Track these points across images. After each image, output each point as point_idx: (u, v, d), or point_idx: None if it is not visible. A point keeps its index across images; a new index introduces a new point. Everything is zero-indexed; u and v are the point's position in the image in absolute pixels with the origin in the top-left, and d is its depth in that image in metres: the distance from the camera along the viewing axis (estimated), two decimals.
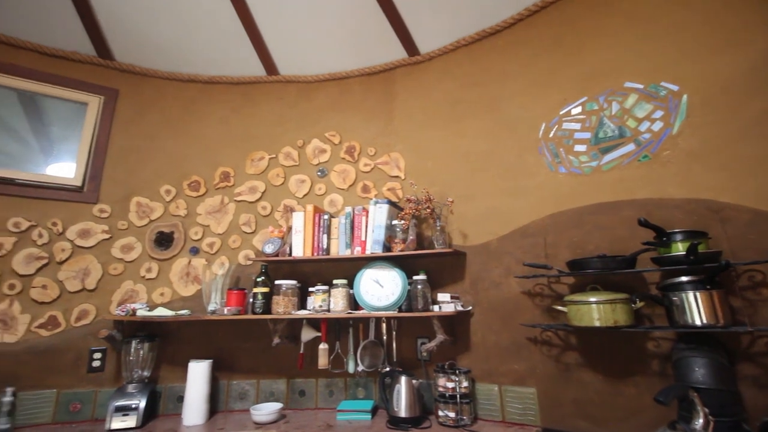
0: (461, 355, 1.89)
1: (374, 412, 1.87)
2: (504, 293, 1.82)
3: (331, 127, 2.42)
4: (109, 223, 2.13)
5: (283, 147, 2.40)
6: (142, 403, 1.81)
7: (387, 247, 1.95)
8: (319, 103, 2.48)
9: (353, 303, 1.96)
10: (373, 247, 1.93)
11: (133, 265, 2.13)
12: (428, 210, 1.95)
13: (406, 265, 1.97)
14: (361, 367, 1.92)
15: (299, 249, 2.02)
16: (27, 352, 1.88)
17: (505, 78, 2.06)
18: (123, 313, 1.93)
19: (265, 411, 1.78)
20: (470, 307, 1.88)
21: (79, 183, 2.12)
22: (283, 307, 1.91)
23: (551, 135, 1.85)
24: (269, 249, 2.03)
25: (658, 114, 1.61)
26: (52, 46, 2.19)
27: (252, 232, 2.25)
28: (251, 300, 1.97)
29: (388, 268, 1.94)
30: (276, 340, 1.94)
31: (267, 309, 1.95)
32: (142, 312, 1.94)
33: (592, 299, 1.44)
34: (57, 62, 2.21)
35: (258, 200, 2.31)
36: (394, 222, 1.98)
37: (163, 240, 2.18)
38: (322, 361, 1.91)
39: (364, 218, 2.01)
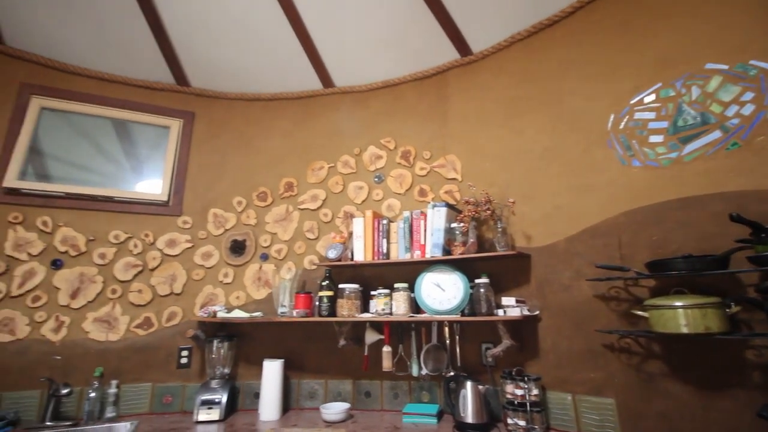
0: (529, 362, 1.82)
1: (440, 416, 1.87)
2: (575, 297, 1.72)
3: (386, 134, 2.47)
4: (191, 233, 2.36)
5: (341, 156, 2.49)
6: (224, 398, 1.97)
7: (446, 251, 1.95)
8: (373, 111, 2.54)
9: (415, 306, 1.98)
10: (432, 251, 1.94)
11: (212, 270, 2.33)
12: (488, 211, 1.91)
13: (467, 268, 1.95)
14: (424, 371, 1.93)
15: (360, 253, 2.08)
16: (127, 349, 2.13)
17: (566, 70, 1.96)
18: (205, 315, 2.12)
19: (334, 410, 1.85)
20: (537, 312, 1.81)
21: (165, 198, 2.37)
22: (347, 310, 1.97)
23: (622, 126, 1.73)
24: (332, 254, 2.12)
25: (748, 96, 1.44)
26: (138, 77, 2.47)
27: (315, 239, 2.36)
28: (317, 303, 2.07)
29: (448, 271, 1.93)
30: (342, 342, 2.02)
31: (332, 311, 2.03)
32: (221, 314, 2.12)
33: (678, 303, 1.32)
34: (142, 92, 2.50)
35: (319, 208, 2.41)
36: (453, 225, 1.97)
37: (237, 247, 2.37)
38: (386, 364, 1.94)
39: (422, 222, 2.02)
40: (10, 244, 2.03)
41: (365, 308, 2.08)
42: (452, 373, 1.90)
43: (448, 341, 1.96)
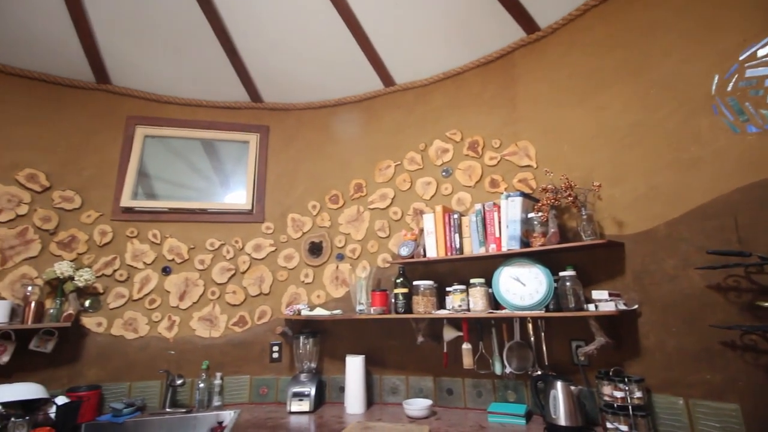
0: (629, 361, 1.64)
1: (528, 417, 1.78)
2: (683, 288, 1.52)
3: (451, 126, 2.41)
4: (273, 238, 2.54)
5: (407, 152, 2.49)
6: (313, 391, 2.09)
7: (525, 243, 1.84)
8: (436, 104, 2.49)
9: (493, 302, 1.90)
10: (509, 244, 1.85)
11: (294, 271, 2.49)
12: (569, 198, 1.77)
13: (549, 260, 1.83)
14: (508, 369, 1.85)
15: (432, 250, 2.06)
16: (227, 345, 2.36)
17: (654, 32, 1.73)
18: (291, 313, 2.27)
19: (417, 406, 1.86)
20: (636, 306, 1.63)
21: (249, 207, 2.57)
22: (423, 307, 1.97)
23: (730, 88, 1.48)
24: (404, 251, 2.12)
25: None
26: (220, 100, 2.72)
27: (387, 237, 2.39)
28: (393, 300, 2.09)
29: (528, 264, 1.82)
30: (420, 339, 2.02)
31: (408, 308, 2.04)
32: (305, 312, 2.25)
33: None
34: (224, 112, 2.74)
35: (389, 206, 2.44)
36: (531, 215, 1.85)
37: (315, 249, 2.49)
38: (467, 361, 1.90)
39: (495, 214, 1.93)
40: (129, 255, 2.37)
41: (441, 305, 2.05)
42: (540, 372, 1.79)
43: (532, 338, 1.86)
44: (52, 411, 1.79)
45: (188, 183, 2.73)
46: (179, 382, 2.16)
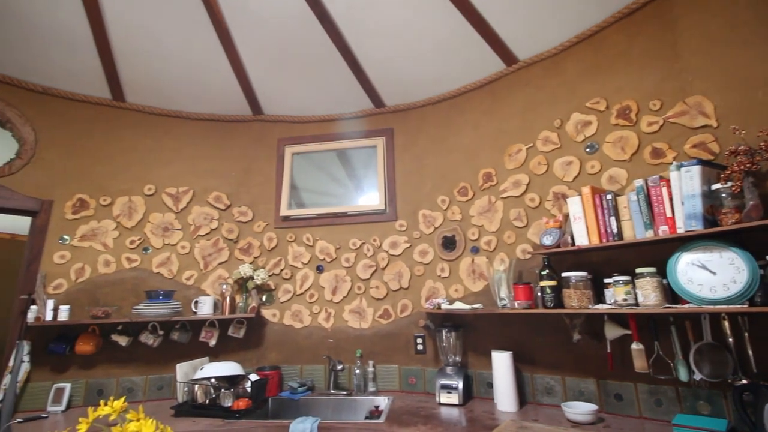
0: None
1: None
2: None
3: (592, 94, 2.11)
4: (407, 235, 2.64)
5: (540, 133, 2.28)
6: (460, 384, 2.09)
7: (710, 221, 1.49)
8: (569, 74, 2.21)
9: (670, 295, 1.60)
10: (687, 224, 1.52)
11: (429, 266, 2.54)
12: None
13: (747, 241, 1.44)
14: (698, 376, 1.53)
15: (583, 237, 1.84)
16: (375, 335, 2.55)
17: None
18: (431, 307, 2.32)
19: (580, 410, 1.69)
20: None
21: (383, 207, 2.73)
22: (576, 301, 1.78)
23: None
24: (548, 241, 1.95)
25: None
26: (347, 111, 2.94)
27: (524, 226, 2.24)
28: (539, 294, 1.94)
29: (718, 247, 1.47)
30: (576, 336, 1.83)
31: (558, 302, 1.86)
32: (445, 306, 2.27)
33: None
34: (353, 122, 2.96)
35: (524, 193, 2.28)
36: (716, 186, 1.49)
37: (448, 243, 2.49)
38: (639, 364, 1.64)
39: (664, 189, 1.61)
40: (290, 256, 2.77)
41: (598, 298, 1.82)
42: (744, 381, 1.43)
43: (730, 339, 1.50)
44: (248, 385, 2.21)
45: (329, 190, 3.04)
46: (339, 367, 2.43)
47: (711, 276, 1.47)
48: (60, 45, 2.32)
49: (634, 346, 1.67)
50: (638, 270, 1.63)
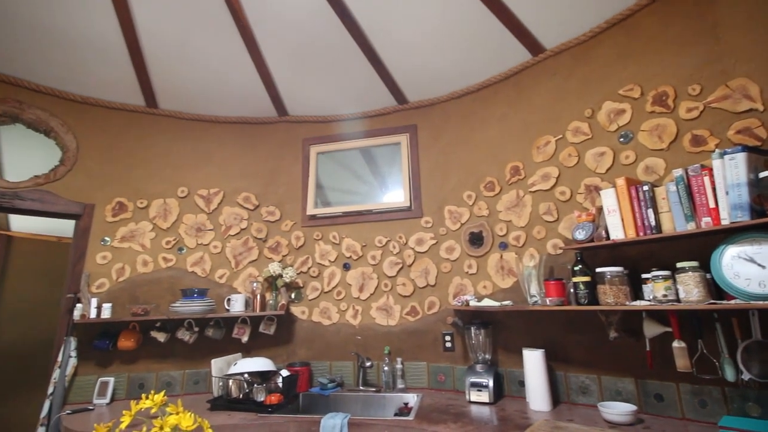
0: None
1: None
2: None
3: (625, 81, 2.02)
4: (433, 231, 2.62)
5: (569, 123, 2.20)
6: (491, 383, 2.06)
7: (757, 211, 1.40)
8: (601, 61, 2.13)
9: (714, 290, 1.51)
10: (733, 215, 1.43)
11: (456, 263, 2.51)
12: None
13: None
14: (747, 376, 1.44)
15: (618, 230, 1.76)
16: (403, 333, 2.55)
17: None
18: (459, 304, 2.30)
19: (617, 410, 1.63)
20: None
21: (407, 204, 2.72)
22: (612, 298, 1.71)
23: None
24: (581, 235, 1.89)
25: None
26: (370, 109, 2.94)
27: (555, 221, 2.17)
28: (572, 290, 1.88)
29: (767, 239, 1.38)
30: (613, 334, 1.76)
31: (593, 299, 1.80)
32: (473, 302, 2.24)
33: None
34: (376, 120, 2.96)
35: (553, 187, 2.21)
36: (763, 174, 1.40)
37: (475, 239, 2.46)
38: (682, 363, 1.56)
39: (706, 179, 1.52)
40: (317, 254, 2.80)
41: (636, 294, 1.75)
42: None
43: None
44: (279, 381, 2.26)
45: (353, 189, 3.06)
46: (368, 364, 2.45)
47: (760, 270, 1.38)
48: (96, 56, 2.43)
49: (676, 344, 1.59)
50: (679, 264, 1.55)
